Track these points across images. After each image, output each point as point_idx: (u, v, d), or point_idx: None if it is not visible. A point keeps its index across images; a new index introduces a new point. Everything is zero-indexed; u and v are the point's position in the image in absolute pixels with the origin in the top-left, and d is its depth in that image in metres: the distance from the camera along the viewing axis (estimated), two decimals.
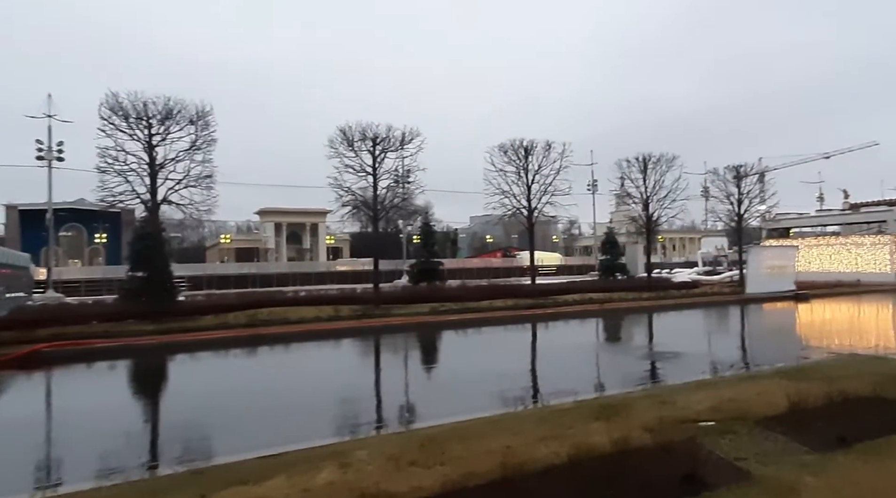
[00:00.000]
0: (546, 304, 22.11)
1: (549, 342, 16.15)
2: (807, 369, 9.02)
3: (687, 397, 7.15)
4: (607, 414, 6.42)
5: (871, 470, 4.57)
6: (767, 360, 9.68)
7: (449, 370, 11.86)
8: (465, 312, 19.47)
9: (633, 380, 9.12)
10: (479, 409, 7.18)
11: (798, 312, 22.80)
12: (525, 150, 24.97)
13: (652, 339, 16.13)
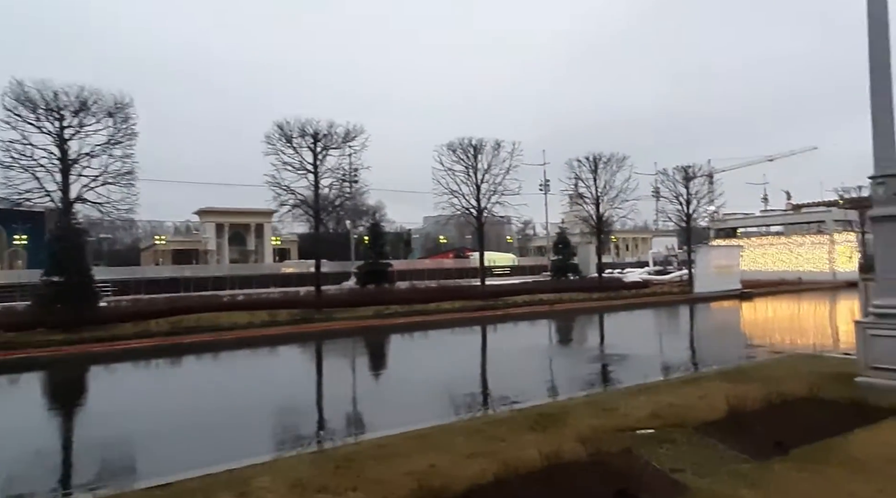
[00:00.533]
0: (495, 305, 21.99)
1: (494, 345, 15.95)
2: (748, 370, 9.08)
3: (628, 403, 6.99)
4: (544, 424, 6.16)
5: (807, 479, 4.46)
6: (712, 360, 9.75)
7: (386, 378, 11.41)
8: (411, 315, 19.07)
9: (576, 385, 8.96)
10: (412, 421, 6.79)
11: (743, 311, 23.56)
12: (474, 149, 24.82)
13: (600, 340, 16.22)
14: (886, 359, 7.53)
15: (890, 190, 7.72)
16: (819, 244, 36.74)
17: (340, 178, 22.31)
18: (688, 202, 33.72)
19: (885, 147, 7.76)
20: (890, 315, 7.60)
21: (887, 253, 7.82)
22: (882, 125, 7.76)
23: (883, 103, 7.72)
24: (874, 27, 7.70)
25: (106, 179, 16.52)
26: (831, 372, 8.49)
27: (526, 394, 8.40)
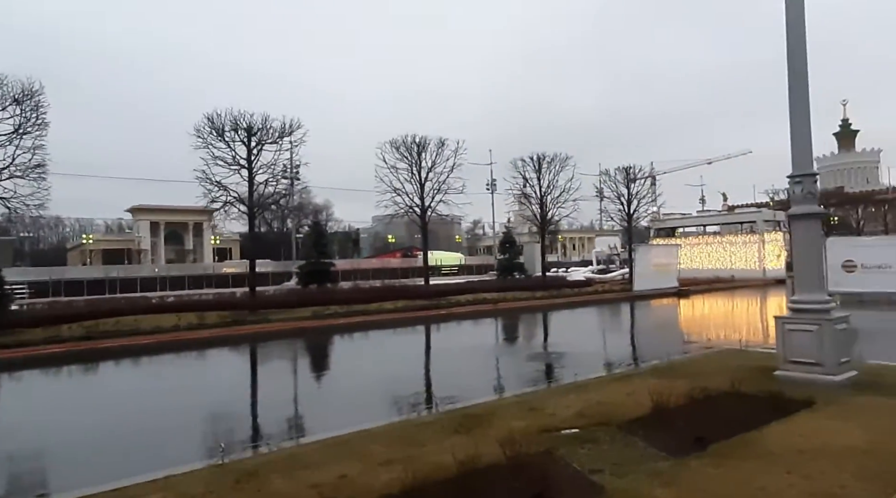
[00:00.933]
0: (438, 305, 21.85)
1: (434, 345, 15.77)
2: (677, 366, 9.26)
3: (557, 402, 6.93)
4: (469, 426, 6.00)
5: (721, 476, 4.47)
6: (647, 356, 9.91)
7: (314, 382, 10.97)
8: (351, 316, 18.63)
9: (510, 384, 8.88)
10: (334, 426, 6.50)
11: (679, 308, 24.37)
12: (418, 147, 24.62)
13: (539, 339, 16.32)
14: (802, 352, 7.82)
15: (806, 189, 8.01)
16: (750, 243, 38.64)
17: (279, 174, 21.58)
18: (629, 202, 34.74)
19: (802, 148, 8.06)
20: (805, 310, 7.89)
21: (803, 250, 8.13)
22: (799, 128, 8.05)
23: (800, 108, 8.02)
24: (792, 37, 8.00)
25: (13, 173, 15.25)
26: (754, 366, 8.76)
27: (458, 394, 8.23)
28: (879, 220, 65.25)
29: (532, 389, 7.85)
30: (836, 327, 7.68)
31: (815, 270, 8.07)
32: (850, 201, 75.00)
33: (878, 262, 22.68)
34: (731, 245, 39.36)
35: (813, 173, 8.02)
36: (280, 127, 19.20)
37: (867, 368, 8.49)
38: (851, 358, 7.94)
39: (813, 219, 8.04)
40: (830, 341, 7.57)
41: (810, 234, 8.06)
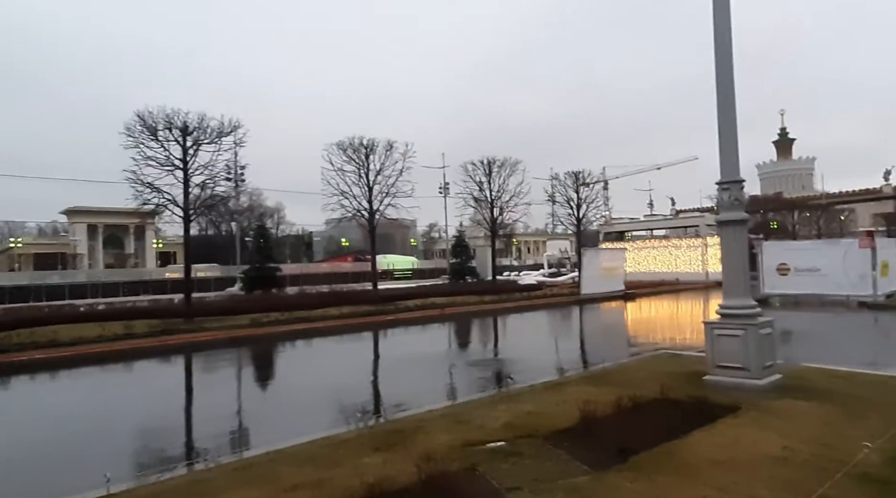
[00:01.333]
0: (386, 310, 21.51)
1: (373, 353, 15.42)
2: (612, 372, 9.29)
3: (486, 414, 6.78)
4: (391, 442, 5.76)
5: (636, 491, 4.39)
6: (586, 362, 9.89)
7: (234, 397, 10.36)
8: (292, 323, 18.06)
9: (444, 394, 8.68)
10: (248, 447, 6.14)
11: (624, 311, 24.85)
12: (366, 149, 24.24)
13: (482, 345, 16.22)
14: (730, 357, 7.95)
15: (733, 195, 8.17)
16: (694, 247, 39.96)
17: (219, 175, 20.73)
18: (578, 207, 35.31)
19: (730, 156, 8.22)
20: (733, 315, 8.03)
21: (731, 256, 8.28)
22: (727, 138, 8.22)
23: (727, 119, 8.19)
24: (719, 52, 8.17)
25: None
26: (686, 371, 8.86)
27: (389, 406, 8.00)
28: (813, 225, 68.99)
29: (465, 399, 7.67)
30: (761, 332, 7.84)
31: (742, 275, 8.23)
32: (786, 207, 78.93)
33: (809, 265, 23.76)
34: (675, 249, 40.62)
35: (740, 180, 8.17)
36: (218, 126, 18.46)
37: (791, 370, 8.73)
38: (775, 361, 8.12)
39: (740, 225, 8.21)
40: (756, 346, 7.72)
41: (737, 240, 8.22)
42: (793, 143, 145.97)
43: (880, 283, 22.33)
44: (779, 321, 19.31)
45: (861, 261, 22.27)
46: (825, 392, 7.42)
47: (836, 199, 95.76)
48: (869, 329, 16.88)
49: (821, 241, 29.36)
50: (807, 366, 9.30)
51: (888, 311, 19.98)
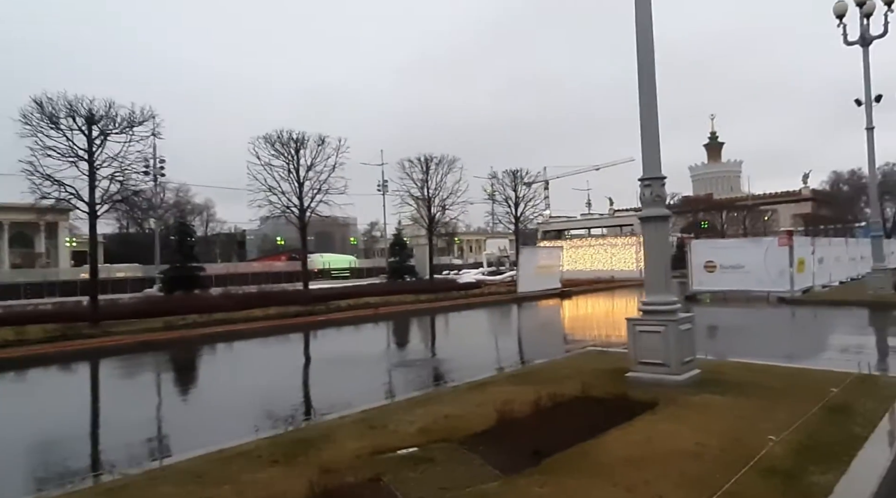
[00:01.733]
0: (316, 311, 20.87)
1: (295, 355, 14.84)
2: (536, 371, 9.25)
3: (402, 418, 6.52)
4: (294, 453, 5.39)
5: (545, 495, 4.23)
6: (515, 360, 9.85)
7: (129, 407, 9.63)
8: (211, 325, 17.15)
9: (363, 397, 8.33)
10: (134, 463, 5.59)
11: (558, 309, 25.30)
12: (295, 144, 23.41)
13: (412, 345, 16.02)
14: (651, 354, 8.04)
15: (654, 192, 8.27)
16: (629, 245, 41.35)
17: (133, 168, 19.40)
18: (516, 205, 35.73)
19: (652, 153, 8.32)
20: (653, 311, 8.14)
21: (652, 252, 8.39)
22: (649, 133, 8.32)
23: (649, 115, 8.30)
24: (642, 49, 8.27)
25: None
26: (610, 368, 8.91)
27: (302, 413, 7.60)
28: (740, 224, 73.21)
29: (383, 403, 7.38)
30: (681, 328, 7.97)
31: (663, 271, 8.35)
32: (716, 207, 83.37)
33: (734, 262, 24.96)
34: (611, 247, 41.92)
35: (661, 177, 8.28)
36: (128, 115, 17.19)
37: (711, 365, 8.96)
38: (695, 356, 8.29)
39: (661, 221, 8.32)
40: (675, 342, 7.84)
41: (659, 237, 8.34)
42: (722, 146, 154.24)
43: (797, 279, 23.75)
44: (706, 316, 20.18)
45: (780, 258, 23.62)
46: (740, 385, 7.62)
47: (761, 201, 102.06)
48: (787, 323, 17.87)
49: (744, 240, 30.98)
50: (726, 360, 9.61)
51: (804, 305, 21.25)
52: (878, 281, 21.23)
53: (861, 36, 21.22)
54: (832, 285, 27.37)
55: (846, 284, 28.28)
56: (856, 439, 5.46)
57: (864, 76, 21.37)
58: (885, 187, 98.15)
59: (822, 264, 27.10)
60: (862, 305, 19.85)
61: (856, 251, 32.07)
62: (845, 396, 6.91)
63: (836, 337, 14.47)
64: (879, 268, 21.54)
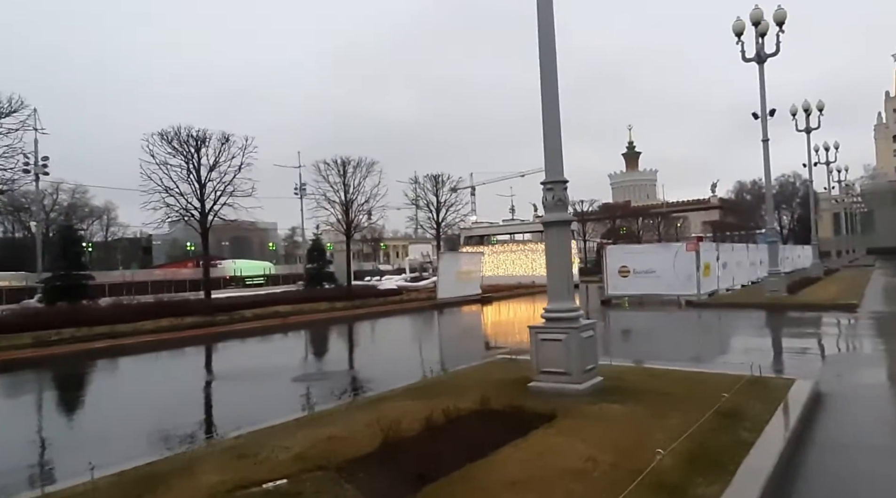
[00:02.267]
0: (217, 321, 19.59)
1: (180, 373, 13.60)
2: (439, 383, 8.92)
3: (279, 442, 5.94)
4: (138, 493, 4.70)
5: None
6: (425, 370, 9.41)
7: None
8: (92, 340, 15.57)
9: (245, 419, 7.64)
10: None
11: (477, 315, 25.27)
12: (196, 141, 21.97)
13: (317, 356, 15.23)
14: (553, 362, 7.91)
15: (556, 196, 8.17)
16: None
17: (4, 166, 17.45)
18: (438, 210, 35.64)
19: (554, 156, 8.23)
20: (555, 319, 8.02)
21: (554, 258, 8.29)
22: (551, 137, 8.23)
23: (552, 118, 8.21)
24: (544, 53, 8.16)
25: None
26: (515, 377, 8.71)
27: (162, 442, 6.82)
28: (654, 231, 77.18)
29: (261, 426, 6.74)
30: (583, 335, 7.89)
31: (566, 277, 8.27)
32: (633, 214, 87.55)
33: (646, 267, 25.95)
34: (532, 252, 42.65)
35: (563, 181, 8.19)
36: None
37: (614, 371, 8.98)
38: (597, 364, 8.24)
39: (563, 226, 8.26)
40: (577, 350, 7.74)
41: (561, 241, 8.26)
42: (639, 155, 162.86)
43: (703, 283, 25.03)
44: (619, 320, 20.69)
45: (688, 263, 24.81)
46: (639, 392, 7.63)
47: (674, 208, 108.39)
48: (691, 326, 18.65)
49: (656, 246, 32.41)
50: (628, 365, 9.69)
51: (709, 308, 22.35)
52: (774, 284, 22.72)
53: (757, 53, 22.74)
54: (735, 289, 29.12)
55: (748, 287, 30.18)
56: (743, 446, 5.49)
57: (760, 91, 22.89)
58: (782, 197, 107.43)
59: (726, 269, 28.79)
60: (760, 307, 21.11)
61: (756, 256, 34.38)
62: (737, 400, 7.03)
63: (735, 339, 15.21)
64: (774, 272, 23.05)
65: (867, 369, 10.16)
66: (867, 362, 10.90)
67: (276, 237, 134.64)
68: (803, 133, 34.02)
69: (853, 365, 10.68)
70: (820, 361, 10.89)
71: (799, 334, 15.43)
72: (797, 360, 11.47)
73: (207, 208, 22.53)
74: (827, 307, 19.77)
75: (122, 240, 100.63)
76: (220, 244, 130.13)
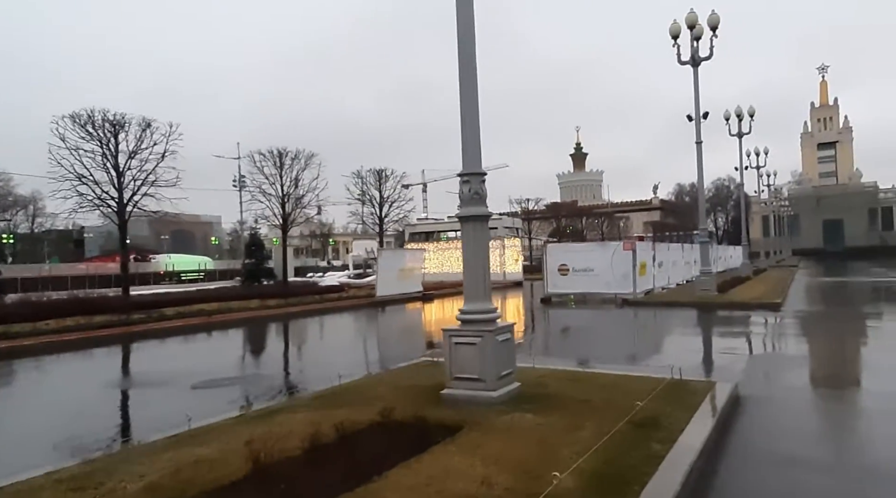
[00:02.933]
0: (132, 320, 18.15)
1: (64, 379, 11.97)
2: (346, 390, 8.20)
3: (136, 467, 5.07)
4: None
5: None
6: (343, 375, 8.64)
7: None
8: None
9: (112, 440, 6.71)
10: None
11: (418, 313, 24.61)
12: (113, 126, 20.26)
13: (229, 359, 13.56)
14: (467, 368, 7.31)
15: (473, 189, 7.58)
16: (493, 249, 41.95)
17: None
18: (381, 205, 34.73)
19: (472, 147, 7.64)
20: (471, 321, 7.43)
21: (471, 256, 7.71)
22: (470, 126, 7.64)
23: (470, 107, 7.63)
24: (463, 43, 7.55)
25: None
26: (432, 383, 8.07)
27: (17, 463, 5.81)
28: (598, 230, 78.71)
29: (130, 445, 5.84)
30: (499, 339, 7.33)
31: (483, 276, 7.69)
32: (578, 213, 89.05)
33: (584, 265, 25.92)
34: None
35: (481, 173, 7.62)
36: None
37: (536, 375, 8.49)
38: (514, 369, 7.71)
39: (480, 221, 7.67)
40: (492, 354, 7.17)
41: (478, 238, 7.68)
42: (586, 156, 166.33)
43: (640, 281, 25.20)
44: (555, 319, 20.41)
45: (625, 262, 24.90)
46: (556, 400, 7.15)
47: (619, 209, 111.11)
48: (626, 325, 18.56)
49: (594, 244, 32.55)
50: (552, 368, 9.21)
51: (644, 307, 22.46)
52: (705, 283, 23.07)
53: (692, 56, 22.99)
54: (670, 287, 29.58)
55: (682, 285, 30.72)
56: (653, 460, 5.04)
57: (694, 94, 23.17)
58: (717, 200, 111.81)
59: (662, 268, 29.19)
60: (691, 306, 21.35)
61: (691, 256, 35.12)
62: (654, 408, 6.63)
63: (664, 338, 15.15)
64: (706, 271, 23.41)
65: (788, 371, 10.09)
66: (788, 363, 10.88)
67: (221, 231, 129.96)
68: (736, 138, 35.02)
69: (774, 366, 10.62)
70: (743, 362, 10.77)
71: (725, 334, 15.55)
72: (721, 360, 11.36)
73: (126, 198, 20.84)
74: (753, 306, 20.14)
75: (50, 231, 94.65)
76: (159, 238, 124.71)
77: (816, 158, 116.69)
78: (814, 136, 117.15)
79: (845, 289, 30.64)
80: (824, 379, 9.76)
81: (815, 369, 10.73)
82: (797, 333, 15.31)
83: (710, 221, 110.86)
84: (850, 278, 37.85)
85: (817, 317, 18.80)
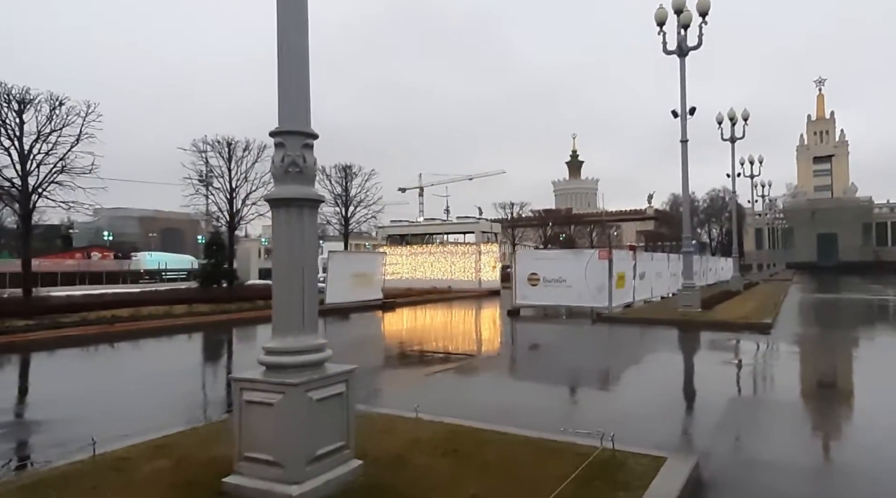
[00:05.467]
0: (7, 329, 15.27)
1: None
2: (97, 470, 5.31)
3: None
4: None
5: None
6: (133, 427, 5.90)
7: None
8: None
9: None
10: None
11: (369, 325, 21.81)
12: (18, 104, 17.45)
13: (61, 389, 10.12)
14: (259, 443, 4.51)
15: (290, 158, 4.74)
16: (468, 254, 39.14)
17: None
18: (346, 205, 31.90)
19: (293, 95, 4.80)
20: (278, 367, 4.62)
21: (284, 261, 4.86)
22: (295, 69, 4.81)
23: (297, 35, 4.80)
24: None
25: None
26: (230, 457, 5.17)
27: None
28: (588, 238, 75.92)
29: None
30: (314, 396, 4.49)
31: (300, 294, 4.80)
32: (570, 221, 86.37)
33: (556, 275, 23.09)
34: (451, 255, 39.41)
35: (304, 132, 4.76)
36: None
37: (404, 440, 5.66)
38: (348, 441, 4.85)
39: (301, 208, 4.75)
40: (300, 422, 4.36)
41: (294, 233, 4.74)
42: (582, 164, 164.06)
43: (617, 294, 22.37)
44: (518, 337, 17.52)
45: (600, 273, 22.06)
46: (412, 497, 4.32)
47: (612, 217, 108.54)
48: (587, 348, 15.68)
49: (566, 252, 29.61)
50: (440, 422, 6.34)
51: (619, 323, 19.61)
52: (688, 299, 20.24)
53: (678, 45, 20.35)
54: (654, 301, 26.80)
55: (666, 299, 27.92)
56: None
57: (681, 85, 20.46)
58: (712, 211, 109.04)
59: (644, 279, 26.37)
60: (670, 324, 18.57)
61: (678, 267, 32.21)
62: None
63: (624, 370, 12.12)
64: (689, 285, 20.58)
65: (775, 430, 7.24)
66: (776, 417, 8.01)
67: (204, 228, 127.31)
68: (728, 142, 32.39)
69: (756, 421, 7.74)
70: (715, 414, 7.89)
71: (701, 364, 12.75)
72: (685, 409, 8.56)
73: (32, 186, 17.99)
74: (740, 327, 17.34)
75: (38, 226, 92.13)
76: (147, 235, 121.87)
77: (812, 172, 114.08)
78: (810, 149, 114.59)
79: (843, 307, 27.84)
80: (825, 444, 6.96)
81: (815, 424, 7.93)
82: (789, 365, 12.50)
83: (703, 233, 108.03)
84: (846, 295, 35.05)
85: (814, 343, 15.94)
